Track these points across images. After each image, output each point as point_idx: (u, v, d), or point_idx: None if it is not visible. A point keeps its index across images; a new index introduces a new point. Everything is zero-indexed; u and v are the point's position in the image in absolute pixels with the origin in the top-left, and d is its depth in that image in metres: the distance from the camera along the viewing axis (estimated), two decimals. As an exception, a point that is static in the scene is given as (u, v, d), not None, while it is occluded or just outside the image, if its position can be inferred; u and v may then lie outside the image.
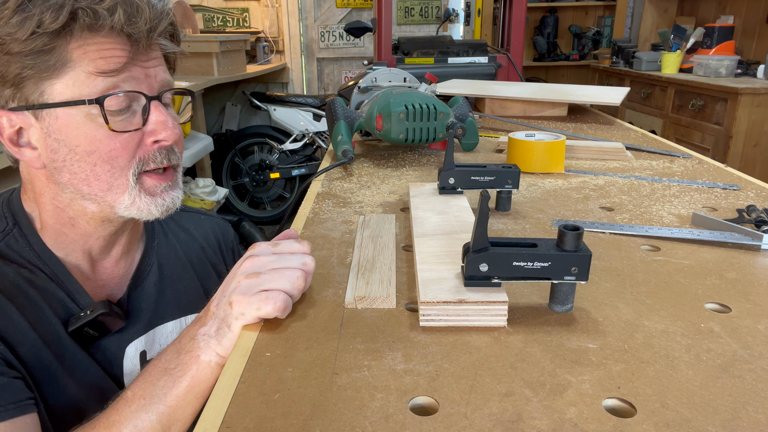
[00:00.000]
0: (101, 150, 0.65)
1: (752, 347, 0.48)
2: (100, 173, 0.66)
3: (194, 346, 0.58)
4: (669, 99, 3.07)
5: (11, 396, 0.58)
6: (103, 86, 0.64)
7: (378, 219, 0.76)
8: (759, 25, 3.22)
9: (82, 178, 0.66)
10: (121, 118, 0.66)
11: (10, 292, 0.65)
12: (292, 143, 3.60)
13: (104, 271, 0.77)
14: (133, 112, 0.67)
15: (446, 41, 2.00)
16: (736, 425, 0.39)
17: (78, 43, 0.62)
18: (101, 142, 0.65)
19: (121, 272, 0.79)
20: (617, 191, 0.92)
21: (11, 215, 0.72)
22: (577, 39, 4.68)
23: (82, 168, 0.66)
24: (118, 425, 0.57)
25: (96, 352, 0.71)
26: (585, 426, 0.39)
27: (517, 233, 0.74)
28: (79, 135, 0.65)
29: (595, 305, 0.56)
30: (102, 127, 0.65)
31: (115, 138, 0.66)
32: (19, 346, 0.63)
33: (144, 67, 0.67)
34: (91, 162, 0.66)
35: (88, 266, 0.74)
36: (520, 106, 1.58)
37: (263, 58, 4.07)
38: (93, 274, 0.75)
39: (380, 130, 1.06)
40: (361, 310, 0.55)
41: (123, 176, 0.67)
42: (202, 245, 0.92)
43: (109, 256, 0.77)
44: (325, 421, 0.40)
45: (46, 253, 0.70)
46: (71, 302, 0.70)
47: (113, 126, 0.65)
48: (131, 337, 0.75)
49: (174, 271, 0.85)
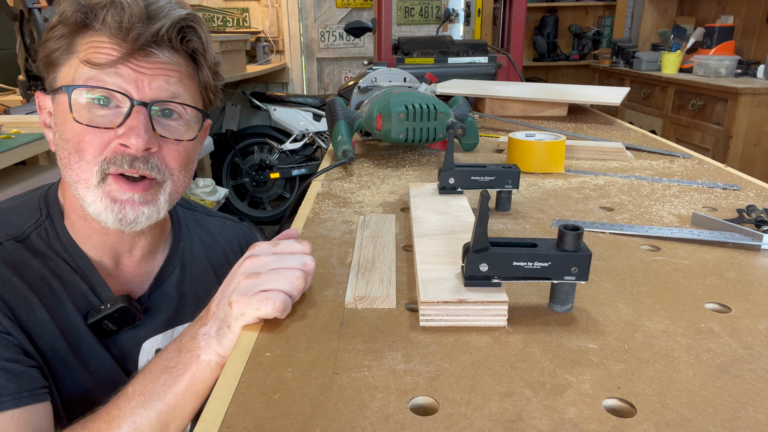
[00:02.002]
0: (74, 139, 0.67)
1: (752, 347, 0.48)
2: (72, 163, 0.68)
3: (195, 345, 0.58)
4: (669, 99, 3.07)
5: (26, 384, 0.60)
6: (87, 76, 0.66)
7: (378, 219, 0.76)
8: (759, 25, 3.22)
9: (64, 164, 0.69)
10: (102, 113, 0.67)
11: (35, 283, 0.67)
12: (292, 143, 3.60)
13: (126, 269, 0.78)
14: (118, 113, 0.68)
15: (446, 41, 2.00)
16: (736, 425, 0.39)
17: (83, 38, 0.67)
18: (75, 131, 0.67)
19: (143, 271, 0.80)
20: (617, 191, 0.92)
21: (46, 207, 0.74)
22: (577, 39, 4.68)
23: (63, 154, 0.69)
24: (117, 420, 0.57)
25: (112, 346, 0.73)
26: (585, 426, 0.39)
27: (517, 233, 0.74)
28: (65, 121, 0.68)
29: (595, 305, 0.56)
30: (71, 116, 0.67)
31: (86, 131, 0.67)
32: (38, 337, 0.65)
33: (137, 70, 0.67)
34: (67, 149, 0.68)
35: (111, 263, 0.76)
36: (520, 106, 1.58)
37: (263, 58, 4.07)
38: (116, 271, 0.77)
39: (380, 130, 1.06)
40: (361, 310, 0.55)
41: (88, 171, 0.67)
42: (225, 251, 0.93)
43: (130, 256, 0.78)
44: (325, 421, 0.40)
45: (73, 245, 0.73)
46: (93, 295, 0.72)
47: (79, 117, 0.67)
48: (148, 333, 0.77)
49: (196, 273, 0.86)
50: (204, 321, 0.59)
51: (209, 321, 0.58)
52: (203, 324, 0.58)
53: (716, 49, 3.10)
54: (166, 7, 0.69)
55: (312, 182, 0.98)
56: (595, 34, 4.59)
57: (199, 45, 0.72)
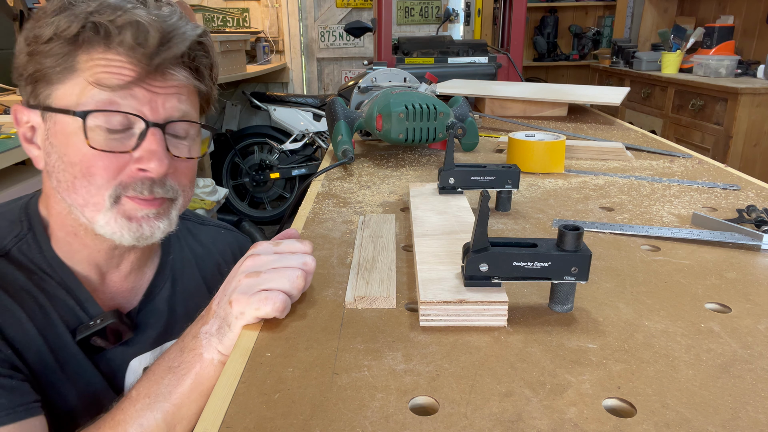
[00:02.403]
0: (82, 164, 0.64)
1: (752, 347, 0.48)
2: (79, 187, 0.65)
3: (197, 344, 0.58)
4: (669, 99, 3.07)
5: (20, 398, 0.58)
6: (99, 99, 0.63)
7: (378, 219, 0.76)
8: (759, 25, 3.22)
9: (65, 187, 0.66)
10: (115, 136, 0.65)
11: (20, 296, 0.65)
12: (292, 143, 3.60)
13: (113, 284, 0.76)
14: (130, 134, 0.65)
15: (446, 41, 2.00)
16: (736, 425, 0.39)
17: (88, 55, 0.63)
18: (84, 156, 0.64)
19: (129, 286, 0.78)
20: (617, 191, 0.92)
21: (27, 220, 0.71)
22: (577, 39, 4.68)
23: (66, 177, 0.66)
24: (123, 425, 0.56)
25: (100, 362, 0.71)
26: (585, 426, 0.39)
27: (517, 233, 0.74)
28: (68, 144, 0.65)
29: (595, 305, 0.56)
30: (85, 142, 0.64)
31: (98, 156, 0.64)
32: (26, 351, 0.63)
33: (151, 91, 0.65)
34: (72, 173, 0.65)
35: (96, 278, 0.74)
36: (520, 106, 1.58)
37: (263, 58, 4.07)
38: (102, 286, 0.74)
39: (380, 130, 1.06)
40: (361, 310, 0.55)
41: (99, 195, 0.65)
42: (218, 262, 0.90)
43: (117, 270, 0.76)
44: (325, 421, 0.40)
45: (56, 260, 0.70)
46: (80, 311, 0.69)
47: (93, 143, 0.64)
48: (137, 351, 0.75)
49: (187, 287, 0.83)
50: (205, 319, 0.59)
51: (210, 319, 0.58)
52: (204, 322, 0.58)
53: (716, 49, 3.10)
54: (182, 26, 0.66)
55: (312, 182, 0.98)
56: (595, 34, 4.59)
57: (208, 62, 0.71)
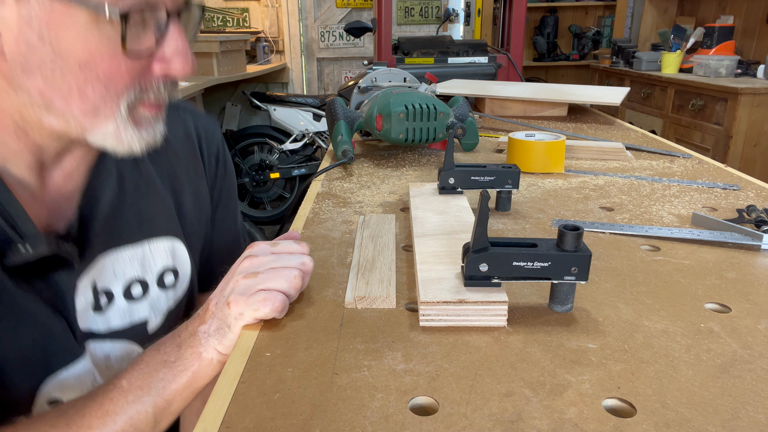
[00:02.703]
0: (101, 67, 0.52)
1: (752, 347, 0.48)
2: (89, 93, 0.53)
3: (195, 342, 0.57)
4: (669, 99, 3.07)
5: None
6: None
7: (378, 219, 0.76)
8: (759, 25, 3.22)
9: (61, 91, 0.52)
10: (131, 32, 0.52)
11: None
12: (292, 143, 3.60)
13: (53, 185, 0.62)
14: (143, 24, 0.53)
15: (446, 41, 2.00)
16: (736, 425, 0.39)
17: None
18: (103, 58, 0.51)
19: (73, 187, 0.64)
20: (617, 191, 0.92)
21: None
22: (577, 39, 4.68)
23: (67, 80, 0.52)
24: (112, 415, 0.54)
25: (43, 289, 0.59)
26: (585, 426, 0.39)
27: (517, 233, 0.74)
28: (77, 41, 0.50)
29: (595, 305, 0.56)
30: (111, 42, 0.51)
31: (122, 59, 0.52)
32: None
33: None
34: (82, 77, 0.52)
35: (34, 180, 0.60)
36: (520, 106, 1.58)
37: (263, 58, 4.07)
38: (39, 190, 0.61)
39: (380, 130, 1.06)
40: (361, 310, 0.55)
41: (114, 102, 0.54)
42: (176, 152, 0.75)
43: (60, 167, 0.62)
44: (325, 421, 0.40)
45: None
46: (10, 229, 0.55)
47: (130, 47, 0.51)
48: (84, 267, 0.63)
49: (138, 185, 0.69)
50: (203, 319, 0.58)
51: (208, 319, 0.57)
52: (202, 322, 0.58)
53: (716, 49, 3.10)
54: None
55: (312, 182, 0.98)
56: (595, 34, 4.59)
57: None
